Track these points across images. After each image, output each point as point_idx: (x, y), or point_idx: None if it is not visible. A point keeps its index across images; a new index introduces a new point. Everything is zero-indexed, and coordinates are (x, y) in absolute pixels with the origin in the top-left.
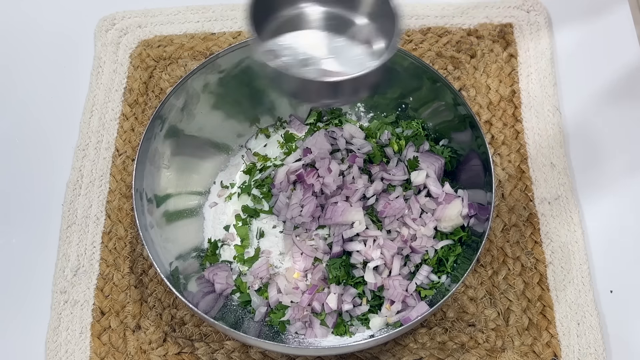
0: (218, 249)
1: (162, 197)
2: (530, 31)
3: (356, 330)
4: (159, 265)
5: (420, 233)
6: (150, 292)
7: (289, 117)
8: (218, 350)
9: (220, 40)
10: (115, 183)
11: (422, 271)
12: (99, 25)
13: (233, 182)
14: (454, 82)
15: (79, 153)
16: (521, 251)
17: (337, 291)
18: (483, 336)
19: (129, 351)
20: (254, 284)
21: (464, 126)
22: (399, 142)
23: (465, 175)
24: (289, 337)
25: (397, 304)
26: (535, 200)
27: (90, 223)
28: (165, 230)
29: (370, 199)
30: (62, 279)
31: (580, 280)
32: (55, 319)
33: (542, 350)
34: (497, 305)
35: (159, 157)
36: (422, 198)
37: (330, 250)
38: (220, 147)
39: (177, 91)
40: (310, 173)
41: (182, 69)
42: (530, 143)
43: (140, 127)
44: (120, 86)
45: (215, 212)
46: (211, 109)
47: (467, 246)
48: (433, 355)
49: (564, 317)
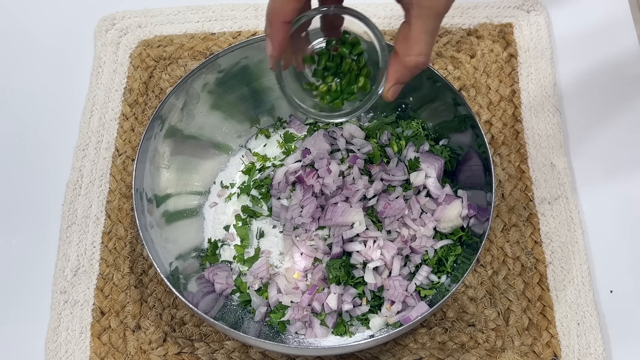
0: (218, 249)
1: (162, 197)
2: (530, 31)
3: (356, 330)
4: (159, 265)
5: (420, 233)
6: (150, 292)
7: (289, 117)
8: (218, 350)
9: (220, 40)
10: (115, 183)
11: (422, 271)
12: (99, 25)
13: (233, 182)
14: (454, 82)
15: (79, 153)
16: (521, 251)
17: (337, 291)
18: (483, 336)
19: (129, 351)
20: (253, 284)
21: (464, 126)
22: (399, 142)
23: (465, 175)
24: (289, 337)
25: (397, 304)
26: (535, 200)
27: (90, 223)
28: (165, 230)
29: (371, 199)
30: (62, 279)
31: (580, 280)
32: (55, 319)
33: (542, 350)
34: (497, 305)
35: (159, 157)
36: (422, 198)
37: (330, 250)
38: (220, 147)
39: (177, 91)
40: (310, 174)
41: (182, 69)
42: (530, 143)
43: (140, 127)
44: (120, 86)
45: (215, 212)
46: (211, 109)
47: (467, 246)
48: (433, 355)
49: (564, 317)
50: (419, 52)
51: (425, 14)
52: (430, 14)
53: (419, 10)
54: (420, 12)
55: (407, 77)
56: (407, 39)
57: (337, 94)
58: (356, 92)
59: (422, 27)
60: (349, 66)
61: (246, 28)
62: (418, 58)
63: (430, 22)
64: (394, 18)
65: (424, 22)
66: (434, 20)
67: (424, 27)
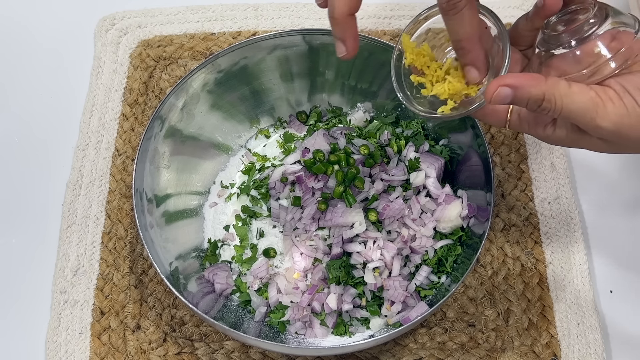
0: (218, 249)
1: (162, 197)
2: None
3: (356, 330)
4: (159, 265)
5: (420, 233)
6: (150, 292)
7: (289, 117)
8: (218, 350)
9: (220, 40)
10: (115, 183)
11: (422, 271)
12: (98, 25)
13: (233, 182)
14: None
15: (79, 153)
16: (521, 251)
17: (337, 291)
18: (483, 336)
19: (129, 351)
20: (253, 284)
21: (464, 126)
22: (399, 142)
23: (465, 175)
24: (289, 337)
25: (397, 304)
26: (535, 200)
27: (90, 223)
28: (165, 230)
29: (373, 202)
30: (62, 279)
31: (580, 280)
32: (55, 319)
33: (542, 351)
34: (497, 305)
35: (159, 157)
36: (422, 198)
37: (330, 251)
38: (220, 147)
39: (177, 91)
40: (312, 176)
41: (182, 69)
42: (530, 143)
43: (140, 127)
44: (120, 86)
45: (215, 212)
46: (211, 109)
47: (466, 246)
48: (433, 356)
49: (564, 317)
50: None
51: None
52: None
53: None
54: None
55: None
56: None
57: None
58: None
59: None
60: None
61: (246, 28)
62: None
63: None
64: (394, 18)
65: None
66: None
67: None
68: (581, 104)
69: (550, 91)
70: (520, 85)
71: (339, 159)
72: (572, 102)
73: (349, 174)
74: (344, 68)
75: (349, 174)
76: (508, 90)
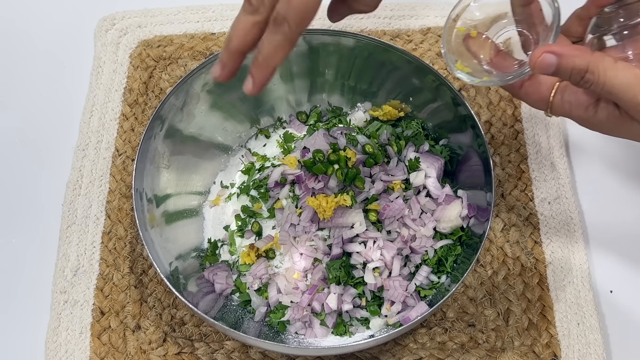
0: (218, 249)
1: (162, 197)
2: None
3: (356, 330)
4: (159, 265)
5: (420, 233)
6: (150, 292)
7: (289, 117)
8: (218, 350)
9: (220, 40)
10: (115, 183)
11: (422, 271)
12: (98, 25)
13: (233, 182)
14: (454, 82)
15: (79, 153)
16: (521, 251)
17: (337, 291)
18: (483, 336)
19: (129, 351)
20: (253, 284)
21: (464, 126)
22: (399, 142)
23: (465, 175)
24: (289, 337)
25: (397, 304)
26: (535, 200)
27: (90, 223)
28: (165, 230)
29: (372, 203)
30: (62, 279)
31: (580, 280)
32: (55, 319)
33: (542, 351)
34: (497, 305)
35: (159, 157)
36: (422, 198)
37: (330, 251)
38: (220, 147)
39: (177, 91)
40: (312, 177)
41: (182, 69)
42: (530, 143)
43: (140, 127)
44: (120, 86)
45: (215, 212)
46: (211, 108)
47: (466, 246)
48: (433, 356)
49: (564, 317)
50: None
51: None
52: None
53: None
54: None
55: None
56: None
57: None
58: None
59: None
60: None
61: None
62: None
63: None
64: (394, 18)
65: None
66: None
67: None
68: (625, 79)
69: (595, 63)
70: (565, 53)
71: (339, 159)
72: (615, 76)
73: (349, 174)
74: (344, 68)
75: (349, 174)
76: (552, 57)
